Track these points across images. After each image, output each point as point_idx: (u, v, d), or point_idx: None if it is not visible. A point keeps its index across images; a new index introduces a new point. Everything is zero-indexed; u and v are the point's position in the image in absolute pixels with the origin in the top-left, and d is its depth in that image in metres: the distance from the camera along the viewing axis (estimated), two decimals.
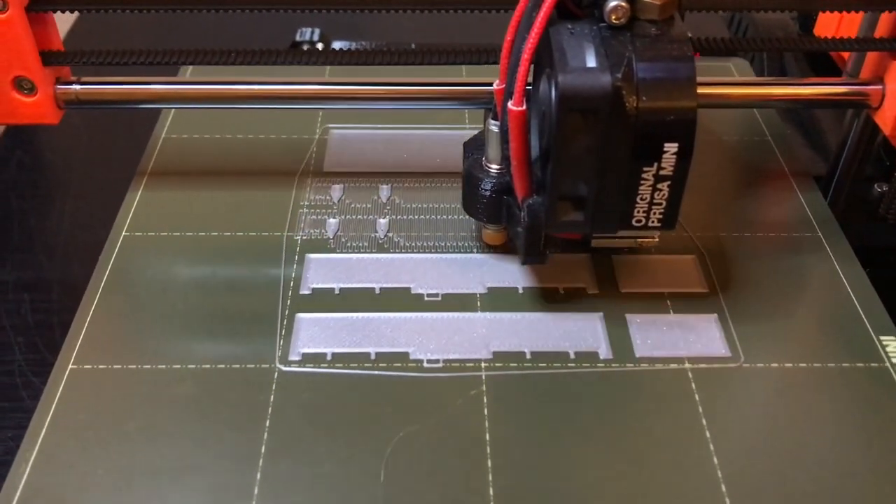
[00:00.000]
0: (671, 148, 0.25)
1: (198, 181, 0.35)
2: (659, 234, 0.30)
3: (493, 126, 0.29)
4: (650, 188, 0.26)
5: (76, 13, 0.35)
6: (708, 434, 0.26)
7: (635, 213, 0.27)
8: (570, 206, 0.27)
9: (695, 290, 0.31)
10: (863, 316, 0.30)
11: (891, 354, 0.28)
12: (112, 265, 0.31)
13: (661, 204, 0.26)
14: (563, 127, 0.25)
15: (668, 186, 0.26)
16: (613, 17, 0.25)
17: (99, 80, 0.32)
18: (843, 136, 0.35)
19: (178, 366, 0.28)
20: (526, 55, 0.25)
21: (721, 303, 0.30)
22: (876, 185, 0.35)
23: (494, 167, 0.30)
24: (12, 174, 0.41)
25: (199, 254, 0.32)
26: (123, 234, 0.32)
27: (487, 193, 0.30)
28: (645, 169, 0.26)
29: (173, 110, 0.39)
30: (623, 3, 0.25)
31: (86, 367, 0.28)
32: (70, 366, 0.28)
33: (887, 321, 0.29)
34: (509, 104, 0.26)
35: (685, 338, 0.29)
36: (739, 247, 0.32)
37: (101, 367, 0.28)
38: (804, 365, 0.28)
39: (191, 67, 0.40)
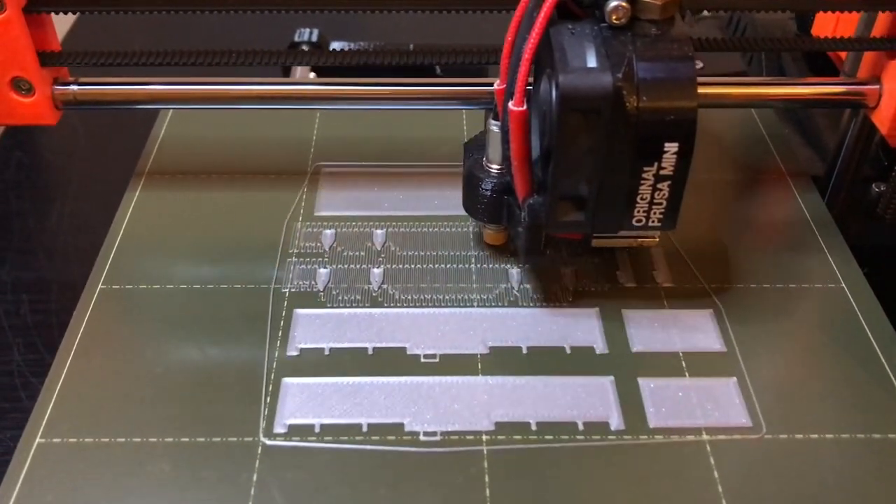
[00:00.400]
0: (671, 147, 0.25)
1: (182, 227, 0.33)
2: (659, 234, 0.30)
3: (494, 126, 0.29)
4: (650, 188, 0.26)
5: (75, 14, 0.35)
6: None
7: (635, 213, 0.27)
8: (570, 205, 0.27)
9: (712, 349, 0.29)
10: (893, 379, 0.28)
11: None
12: (85, 326, 0.29)
13: (661, 203, 0.26)
14: (563, 127, 0.25)
15: (669, 186, 0.26)
16: (614, 18, 0.25)
17: (97, 80, 0.32)
18: (841, 136, 0.35)
19: (154, 439, 0.25)
20: (527, 55, 0.25)
21: (740, 364, 0.28)
22: (874, 185, 0.35)
23: (495, 167, 0.30)
24: (11, 175, 0.41)
25: (180, 311, 0.30)
26: (98, 290, 0.30)
27: (488, 193, 0.29)
28: (645, 169, 0.25)
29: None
30: (624, 4, 0.25)
31: (55, 440, 0.25)
32: (38, 439, 0.25)
33: None
34: (510, 104, 0.26)
35: (702, 405, 0.27)
36: (758, 299, 0.30)
37: (70, 440, 0.25)
38: (831, 436, 0.26)
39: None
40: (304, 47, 0.45)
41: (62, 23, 0.33)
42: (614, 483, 0.25)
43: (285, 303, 0.30)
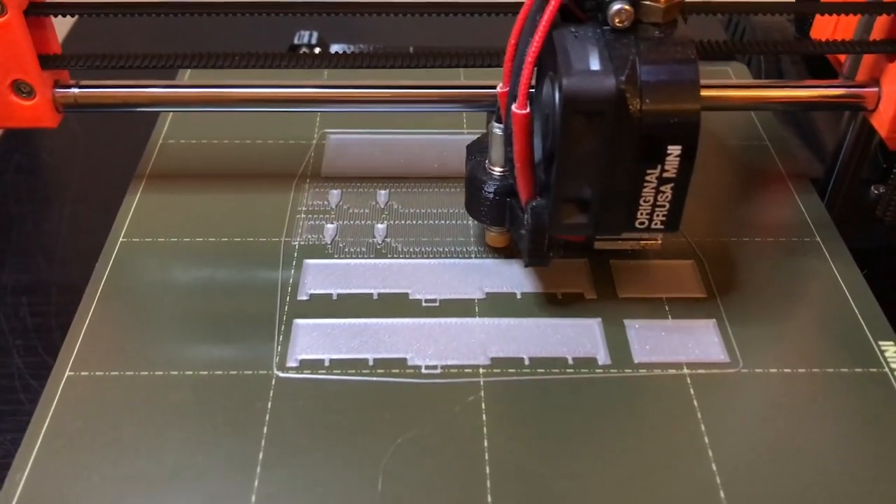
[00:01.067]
0: (675, 150, 0.25)
1: (196, 185, 0.35)
2: (661, 237, 0.30)
3: (497, 129, 0.29)
4: (654, 190, 0.26)
5: (74, 17, 0.35)
6: (706, 440, 0.26)
7: (639, 216, 0.27)
8: (573, 208, 0.27)
9: (693, 294, 0.31)
10: (861, 321, 0.30)
11: (889, 359, 0.28)
12: (109, 270, 0.31)
13: (664, 206, 0.26)
14: (567, 129, 0.25)
15: (672, 188, 0.26)
16: (617, 21, 0.25)
17: (97, 83, 0.32)
18: (840, 139, 0.35)
19: (175, 372, 0.28)
20: (530, 58, 0.25)
21: (720, 308, 0.30)
22: (872, 187, 0.35)
23: (497, 170, 0.30)
24: (11, 177, 0.41)
25: (196, 259, 0.32)
26: (121, 238, 0.32)
27: (491, 196, 0.30)
28: (648, 171, 0.26)
29: (171, 114, 0.39)
30: (627, 7, 0.25)
31: (83, 373, 0.27)
32: (67, 372, 0.27)
33: (886, 326, 0.29)
34: (513, 107, 0.26)
35: (684, 343, 0.29)
36: (738, 251, 0.32)
37: (97, 373, 0.27)
38: (803, 370, 0.28)
39: (189, 70, 0.40)
40: (304, 50, 0.45)
41: (61, 26, 0.33)
42: (601, 411, 0.27)
43: (295, 254, 0.32)
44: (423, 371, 0.28)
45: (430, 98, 0.33)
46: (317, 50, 0.47)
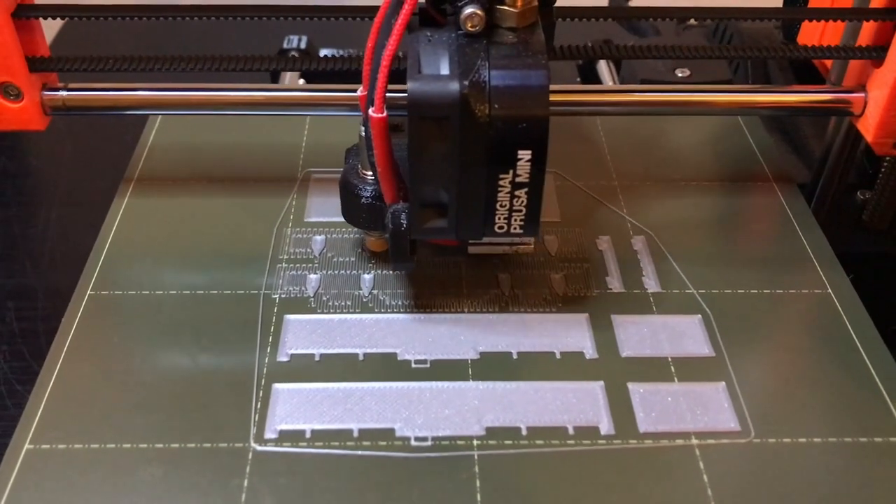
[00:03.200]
0: (525, 155, 0.25)
1: (173, 232, 0.33)
2: (533, 241, 0.30)
3: (364, 132, 0.28)
4: (509, 195, 0.26)
5: (63, 20, 0.35)
6: None
7: (497, 220, 0.27)
8: (432, 212, 0.27)
9: (700, 353, 0.29)
10: (880, 385, 0.28)
11: None
12: (74, 331, 0.29)
13: (521, 211, 0.26)
14: (415, 133, 0.25)
15: (526, 193, 0.26)
16: (469, 25, 0.25)
17: (85, 86, 0.32)
18: (827, 144, 0.35)
19: (144, 445, 0.25)
20: (384, 62, 0.25)
21: (728, 368, 0.28)
22: (859, 192, 0.35)
23: (370, 174, 0.29)
24: None
25: (170, 317, 0.29)
26: (89, 291, 0.30)
27: (364, 201, 0.29)
28: (501, 176, 0.26)
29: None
30: (478, 12, 0.25)
31: (43, 447, 0.25)
32: (26, 445, 0.25)
33: None
34: (370, 111, 0.26)
35: (692, 409, 0.27)
36: (746, 304, 0.31)
37: (60, 446, 0.25)
38: (819, 440, 0.26)
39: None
40: (294, 54, 0.45)
41: (49, 29, 0.33)
42: (605, 487, 0.25)
43: (275, 308, 0.30)
44: (413, 443, 0.26)
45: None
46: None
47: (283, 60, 0.31)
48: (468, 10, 0.25)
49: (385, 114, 0.25)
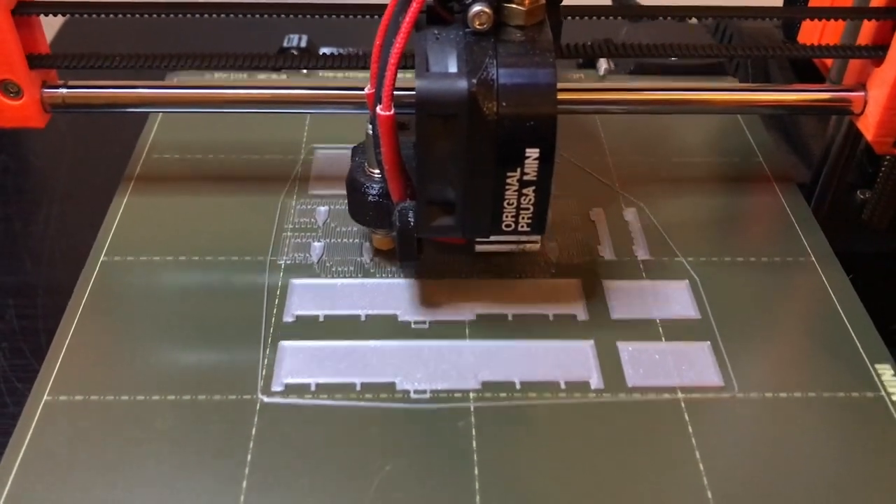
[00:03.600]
0: (532, 153, 0.25)
1: (181, 200, 0.34)
2: (539, 238, 0.29)
3: (371, 130, 0.28)
4: (516, 193, 0.26)
5: (63, 16, 0.35)
6: (701, 467, 0.25)
7: (504, 218, 0.27)
8: (439, 210, 0.27)
9: (687, 316, 0.30)
10: (858, 344, 0.29)
11: (886, 383, 0.28)
12: (91, 289, 0.30)
13: (528, 209, 0.27)
14: (423, 131, 0.25)
15: (534, 192, 0.26)
16: (477, 23, 0.25)
17: (85, 83, 0.32)
18: (827, 143, 0.35)
19: (158, 397, 0.27)
20: (392, 59, 0.25)
21: (714, 329, 0.30)
22: (859, 192, 0.35)
23: (377, 172, 0.29)
24: None
25: (180, 279, 0.31)
26: (103, 257, 0.31)
27: (370, 199, 0.29)
28: (508, 174, 0.26)
29: (160, 115, 0.39)
30: (486, 9, 0.25)
31: (61, 398, 0.27)
32: (45, 397, 0.27)
33: (883, 350, 0.29)
34: (378, 109, 0.26)
35: (678, 366, 0.28)
36: (732, 271, 0.32)
37: (77, 398, 0.27)
38: (799, 395, 0.28)
39: (178, 71, 0.39)
40: (294, 52, 0.45)
41: (50, 26, 0.32)
42: (594, 437, 0.26)
43: (281, 274, 0.31)
44: (412, 396, 0.27)
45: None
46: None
47: (283, 59, 0.31)
48: (476, 7, 0.25)
49: (393, 112, 0.26)
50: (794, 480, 0.25)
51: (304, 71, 0.40)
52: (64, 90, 0.32)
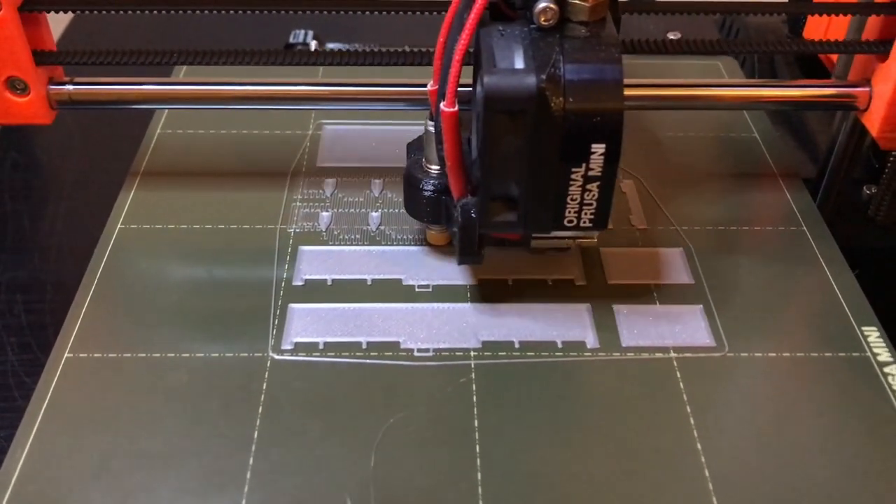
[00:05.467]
0: (598, 149, 0.25)
1: (191, 175, 0.36)
2: (597, 234, 0.29)
3: (431, 127, 0.29)
4: (580, 189, 0.26)
5: (70, 13, 0.35)
6: (692, 421, 0.26)
7: (567, 214, 0.27)
8: (502, 206, 0.27)
9: (681, 281, 0.31)
10: (846, 307, 0.30)
11: (872, 344, 0.29)
12: (107, 259, 0.32)
13: (591, 204, 0.27)
14: (490, 127, 0.25)
15: (598, 187, 0.26)
16: (542, 19, 0.25)
17: (92, 80, 0.32)
18: (832, 139, 0.35)
19: (172, 354, 0.28)
20: (457, 56, 0.25)
21: (706, 294, 0.31)
22: (864, 187, 0.36)
23: (434, 168, 0.30)
24: (6, 174, 0.41)
25: (193, 246, 0.32)
26: (118, 229, 0.33)
27: (427, 194, 0.30)
28: (574, 170, 0.26)
29: (166, 111, 0.39)
30: (552, 5, 0.25)
31: (81, 355, 0.28)
32: (66, 354, 0.28)
33: (869, 313, 0.30)
34: (441, 105, 0.26)
35: (671, 328, 0.29)
36: (725, 240, 0.33)
37: (96, 355, 0.28)
38: (787, 355, 0.29)
39: (184, 68, 0.40)
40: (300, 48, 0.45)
41: (57, 23, 0.33)
42: (590, 393, 0.27)
43: (290, 241, 0.32)
44: (416, 354, 0.28)
45: (420, 96, 0.32)
46: (313, 44, 0.47)
47: (290, 55, 0.31)
48: (542, 3, 0.25)
49: (456, 108, 0.26)
50: (781, 434, 0.26)
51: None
52: (70, 87, 0.32)
